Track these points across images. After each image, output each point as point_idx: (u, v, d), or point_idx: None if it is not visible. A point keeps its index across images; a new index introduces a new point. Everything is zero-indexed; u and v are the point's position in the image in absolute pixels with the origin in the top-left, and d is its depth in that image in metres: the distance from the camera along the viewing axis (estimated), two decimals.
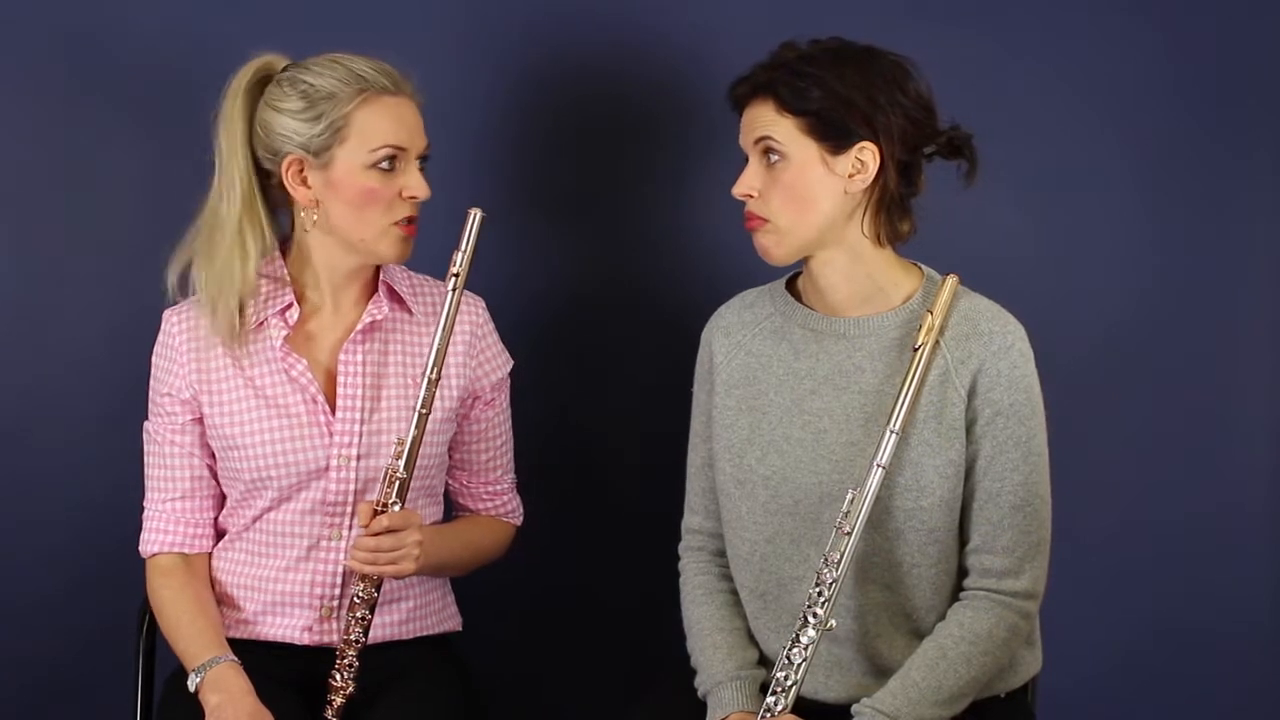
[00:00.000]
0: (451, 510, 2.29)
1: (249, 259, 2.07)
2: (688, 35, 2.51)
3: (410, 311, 2.16)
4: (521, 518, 2.31)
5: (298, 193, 2.06)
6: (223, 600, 2.15)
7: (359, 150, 2.03)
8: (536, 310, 2.55)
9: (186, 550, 2.14)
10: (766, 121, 1.94)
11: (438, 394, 2.10)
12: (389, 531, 2.01)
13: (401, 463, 2.02)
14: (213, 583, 2.16)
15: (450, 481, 2.26)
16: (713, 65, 2.42)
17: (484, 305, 2.22)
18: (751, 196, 1.97)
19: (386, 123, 2.03)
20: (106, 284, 2.50)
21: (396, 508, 2.02)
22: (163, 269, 2.11)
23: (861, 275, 2.01)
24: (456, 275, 2.00)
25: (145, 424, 2.15)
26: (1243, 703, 2.63)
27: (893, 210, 1.99)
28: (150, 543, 2.14)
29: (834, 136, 1.93)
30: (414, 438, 2.02)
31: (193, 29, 2.45)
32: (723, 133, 2.12)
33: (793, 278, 2.11)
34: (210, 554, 2.16)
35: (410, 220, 2.07)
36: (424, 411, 2.02)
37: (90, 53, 2.45)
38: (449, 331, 2.02)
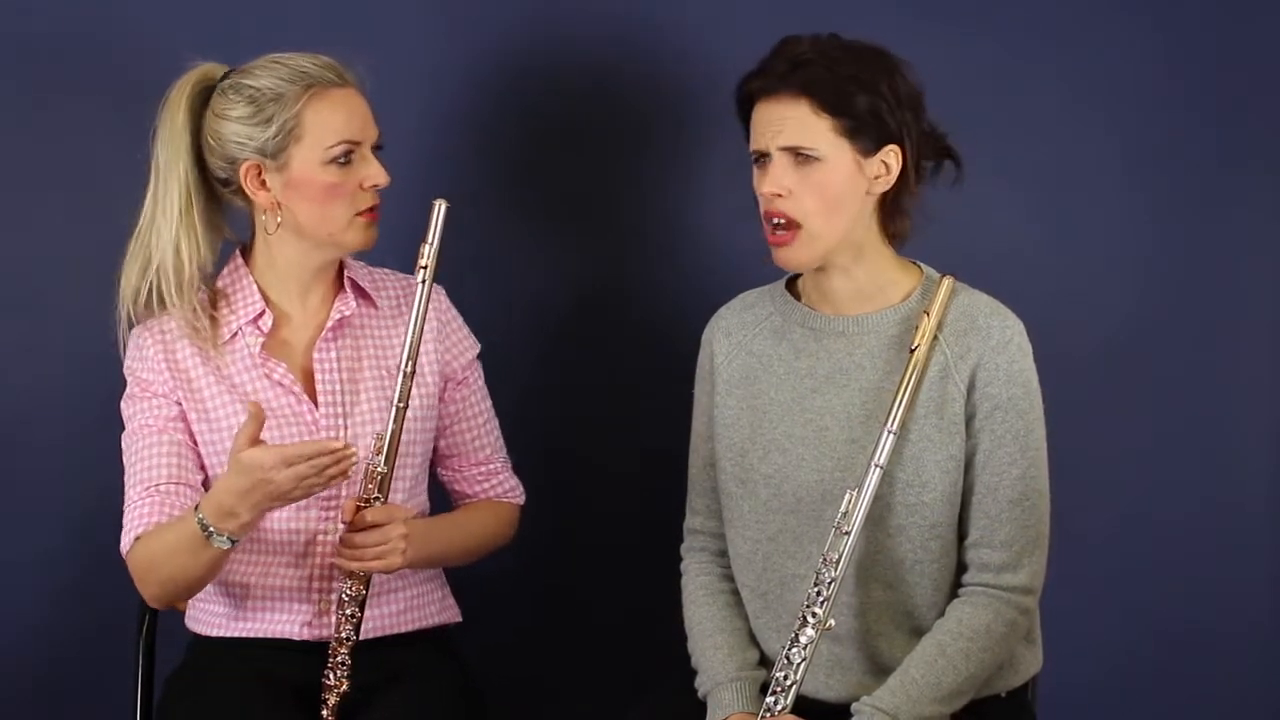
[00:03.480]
0: (449, 503, 2.29)
1: (184, 268, 2.07)
2: (686, 34, 2.51)
3: (376, 305, 2.18)
4: (523, 496, 2.29)
5: (258, 196, 2.06)
6: (220, 596, 2.14)
7: (315, 148, 2.03)
8: (535, 311, 2.55)
9: None
10: (799, 122, 1.93)
11: (415, 386, 2.10)
12: (373, 527, 2.01)
13: (381, 458, 2.01)
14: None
15: (443, 472, 2.26)
16: (712, 64, 2.42)
17: (444, 292, 2.22)
18: (780, 195, 1.96)
19: (338, 117, 2.04)
20: (105, 284, 2.49)
21: (379, 503, 2.02)
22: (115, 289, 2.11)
23: (865, 275, 2.01)
24: (425, 268, 2.00)
25: (123, 436, 2.12)
26: (1243, 703, 2.63)
27: (896, 210, 2.00)
28: (129, 533, 2.04)
29: (868, 139, 1.94)
30: (392, 432, 2.02)
31: (194, 28, 2.45)
32: (722, 132, 2.12)
33: (792, 278, 2.12)
34: None
35: (373, 208, 2.07)
36: (401, 405, 2.01)
37: (91, 52, 2.45)
38: (421, 325, 2.01)
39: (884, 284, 2.02)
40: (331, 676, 2.04)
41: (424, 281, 2.00)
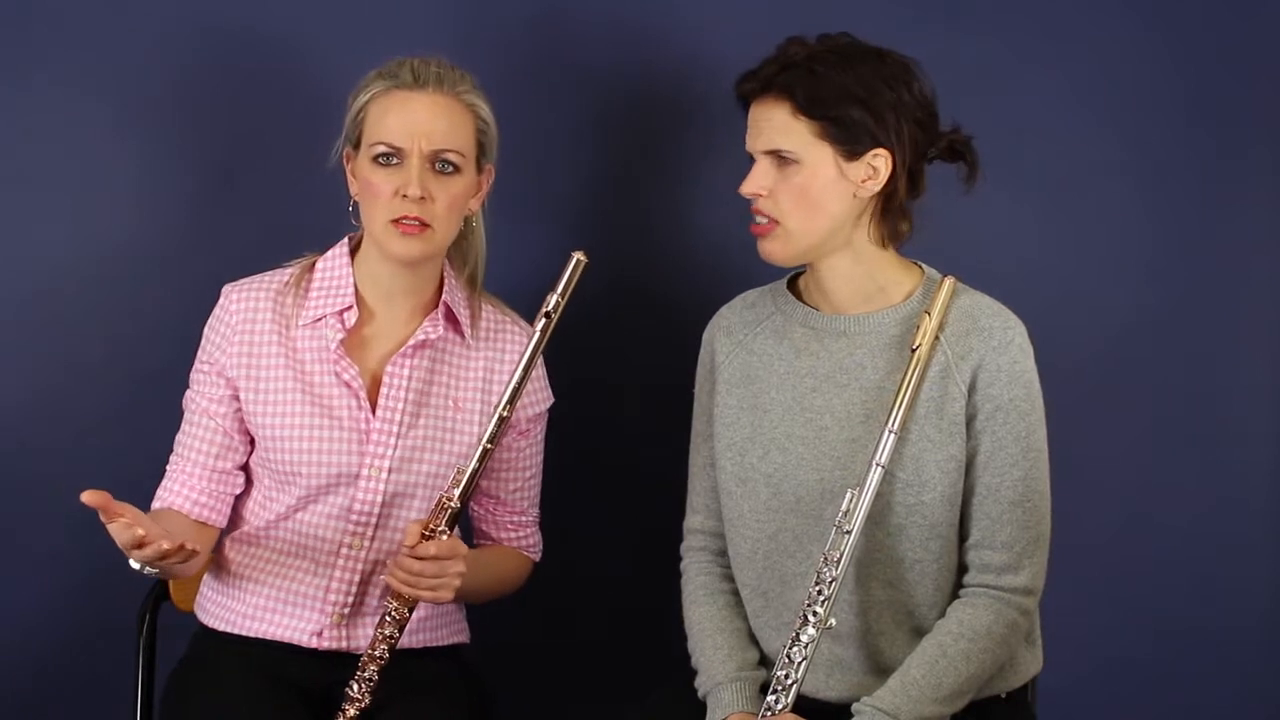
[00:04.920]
0: (472, 537, 2.28)
1: None
2: (689, 34, 2.52)
3: (463, 335, 2.17)
4: (540, 554, 2.29)
5: (350, 183, 2.12)
6: (234, 591, 2.15)
7: (366, 143, 2.06)
8: (534, 311, 2.54)
9: (193, 517, 2.11)
10: (780, 124, 1.94)
11: (477, 417, 2.12)
12: (434, 559, 2.00)
13: (457, 492, 2.01)
14: (228, 573, 2.15)
15: (475, 507, 2.25)
16: (714, 64, 2.42)
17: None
18: (760, 195, 1.97)
19: (389, 119, 2.05)
20: (108, 285, 2.49)
21: (444, 536, 2.00)
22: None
23: (863, 275, 2.02)
24: (547, 316, 1.99)
25: (185, 395, 2.15)
26: (1243, 703, 2.63)
27: (896, 213, 2.01)
28: (158, 500, 2.11)
29: (849, 142, 1.94)
30: (474, 470, 2.01)
31: (192, 27, 2.45)
32: (724, 132, 2.13)
33: (794, 277, 2.12)
34: (219, 531, 2.14)
35: (414, 220, 2.04)
36: (489, 446, 2.00)
37: (93, 52, 2.45)
38: (530, 371, 2.01)
39: (884, 284, 2.03)
40: (355, 689, 2.03)
41: (543, 330, 1.99)
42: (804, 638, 1.93)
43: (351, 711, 2.03)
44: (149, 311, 2.46)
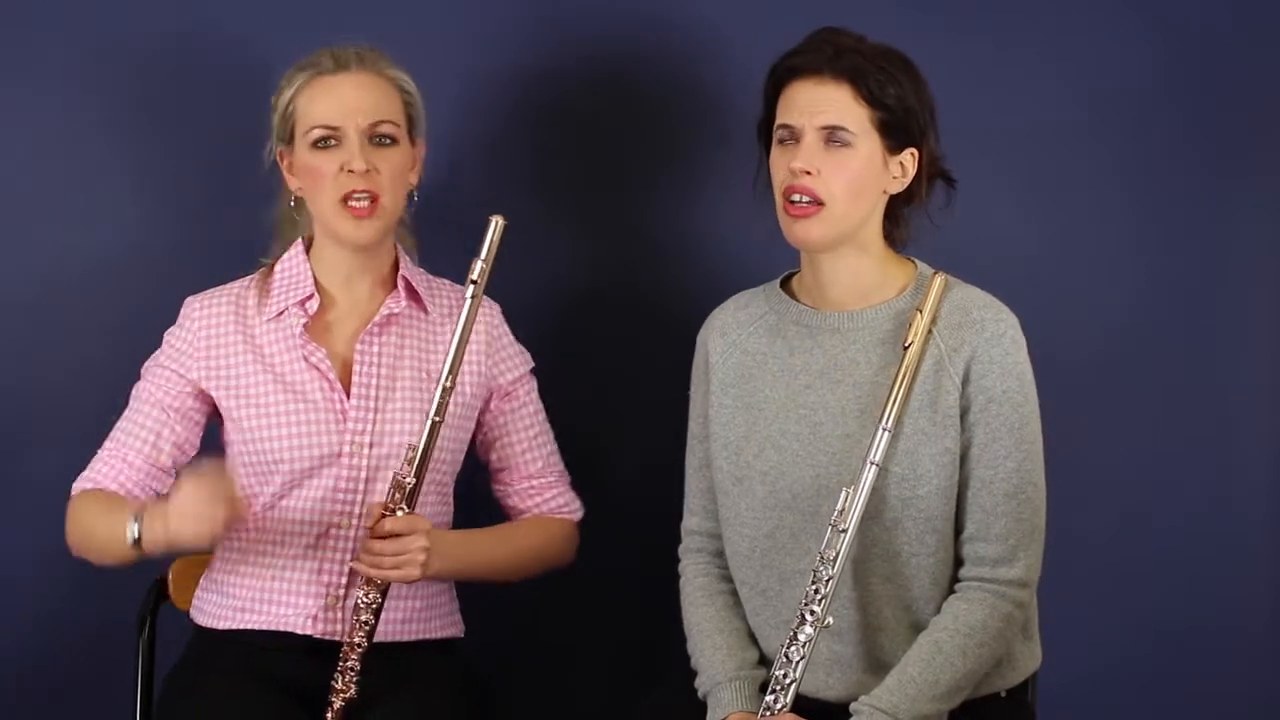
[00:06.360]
0: (474, 515, 2.28)
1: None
2: (693, 34, 2.52)
3: (425, 310, 2.19)
4: (579, 513, 2.29)
5: (289, 180, 2.15)
6: (226, 587, 2.15)
7: (302, 133, 2.10)
8: (536, 310, 2.55)
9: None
10: (842, 105, 1.96)
11: (452, 396, 2.11)
12: (393, 536, 2.01)
13: (411, 469, 2.02)
14: (219, 570, 2.16)
15: (496, 486, 2.27)
16: (718, 64, 2.43)
17: (499, 309, 2.25)
18: (810, 173, 1.97)
19: (320, 103, 2.10)
20: (108, 284, 2.50)
21: (403, 513, 2.02)
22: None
23: (864, 270, 2.03)
24: (475, 283, 2.02)
25: (135, 385, 2.16)
26: (1243, 703, 2.62)
27: (899, 215, 2.04)
28: (87, 481, 2.12)
29: (896, 137, 1.98)
30: (425, 445, 2.03)
31: (194, 28, 2.46)
32: (727, 133, 2.13)
33: (787, 277, 2.12)
34: None
35: (363, 194, 2.07)
36: (437, 420, 2.02)
37: (92, 53, 2.46)
38: (465, 339, 2.03)
39: (880, 280, 2.04)
40: (339, 681, 2.04)
41: (473, 296, 2.01)
42: (802, 637, 1.93)
43: (338, 703, 2.04)
44: (148, 312, 2.46)
